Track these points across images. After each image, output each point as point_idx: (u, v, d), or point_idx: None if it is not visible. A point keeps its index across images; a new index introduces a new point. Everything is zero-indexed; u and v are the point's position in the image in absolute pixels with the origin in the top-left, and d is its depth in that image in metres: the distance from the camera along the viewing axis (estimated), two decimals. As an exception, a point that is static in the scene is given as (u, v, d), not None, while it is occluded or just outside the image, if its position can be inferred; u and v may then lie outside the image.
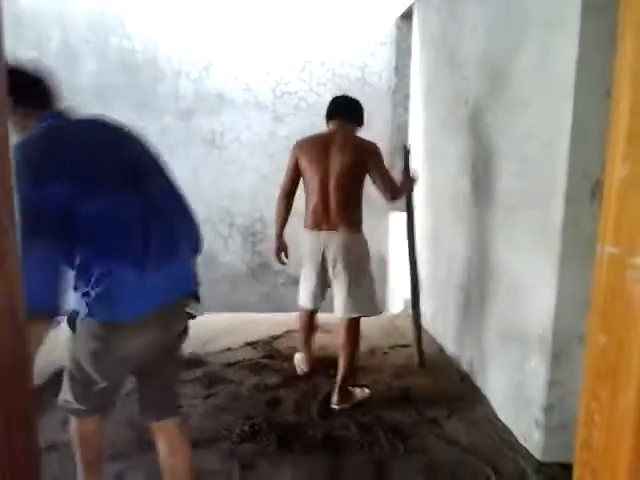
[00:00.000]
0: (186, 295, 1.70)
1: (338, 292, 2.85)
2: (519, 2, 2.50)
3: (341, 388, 2.82)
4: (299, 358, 3.26)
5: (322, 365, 3.26)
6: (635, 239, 0.59)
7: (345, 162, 2.79)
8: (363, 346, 3.59)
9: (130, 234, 1.48)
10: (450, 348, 3.51)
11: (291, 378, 3.11)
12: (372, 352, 3.54)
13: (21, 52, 4.82)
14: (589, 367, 0.69)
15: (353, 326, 2.86)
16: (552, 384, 2.24)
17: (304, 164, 2.88)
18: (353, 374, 2.93)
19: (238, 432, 2.49)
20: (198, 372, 3.17)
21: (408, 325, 4.14)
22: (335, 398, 2.80)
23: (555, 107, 2.17)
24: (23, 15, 4.81)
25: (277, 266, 5.26)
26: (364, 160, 2.82)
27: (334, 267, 2.83)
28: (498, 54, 2.75)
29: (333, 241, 2.82)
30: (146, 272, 1.48)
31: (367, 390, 2.94)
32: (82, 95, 4.93)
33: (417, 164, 4.47)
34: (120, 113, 4.93)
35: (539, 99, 2.31)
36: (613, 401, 0.63)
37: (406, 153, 3.27)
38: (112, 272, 1.43)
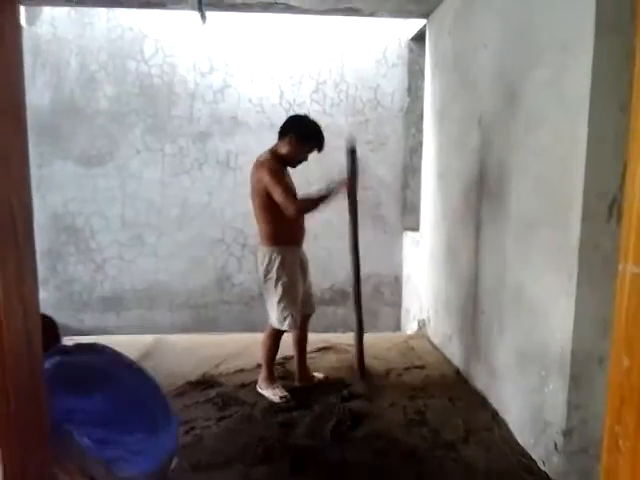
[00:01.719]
0: None
1: None
2: (532, 21, 2.52)
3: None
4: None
5: (334, 386, 3.23)
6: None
7: (251, 181, 3.08)
8: (378, 367, 3.57)
9: None
10: (466, 369, 3.45)
11: (304, 399, 3.08)
12: (387, 373, 3.49)
13: (40, 78, 4.94)
14: (612, 390, 0.67)
15: (266, 332, 3.19)
16: (571, 406, 2.20)
17: None
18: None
19: (251, 455, 2.46)
20: (212, 393, 3.15)
21: (423, 346, 4.11)
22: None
23: (570, 124, 2.16)
24: (42, 41, 4.93)
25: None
26: (259, 177, 2.97)
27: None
28: (511, 73, 2.76)
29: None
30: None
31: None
32: (100, 119, 5.04)
33: (428, 184, 4.47)
34: (137, 136, 5.05)
35: (553, 116, 2.31)
36: (639, 426, 0.61)
37: (352, 151, 3.07)
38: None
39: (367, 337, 3.48)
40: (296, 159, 3.08)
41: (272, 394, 3.11)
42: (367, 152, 5.12)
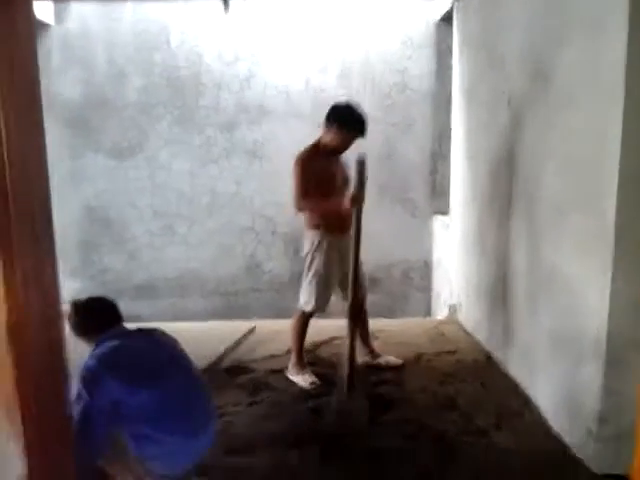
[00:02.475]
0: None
1: None
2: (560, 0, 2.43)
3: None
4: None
5: (365, 373, 3.23)
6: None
7: None
8: (408, 352, 3.55)
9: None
10: (497, 354, 3.41)
11: (335, 385, 3.09)
12: (418, 359, 3.47)
13: (71, 72, 5.04)
14: None
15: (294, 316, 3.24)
16: (607, 392, 2.14)
17: None
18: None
19: (281, 442, 2.48)
20: (243, 379, 3.20)
21: (454, 331, 4.07)
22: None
23: (604, 105, 2.08)
24: (72, 36, 5.02)
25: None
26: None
27: None
28: (540, 51, 2.68)
29: None
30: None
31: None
32: (129, 111, 5.12)
33: (457, 167, 4.40)
34: (165, 127, 5.11)
35: (586, 96, 2.23)
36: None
37: (360, 164, 2.76)
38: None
39: (397, 322, 3.48)
40: (341, 147, 3.07)
41: (302, 380, 3.13)
42: (395, 134, 5.07)
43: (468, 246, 4.08)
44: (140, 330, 2.11)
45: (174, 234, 5.27)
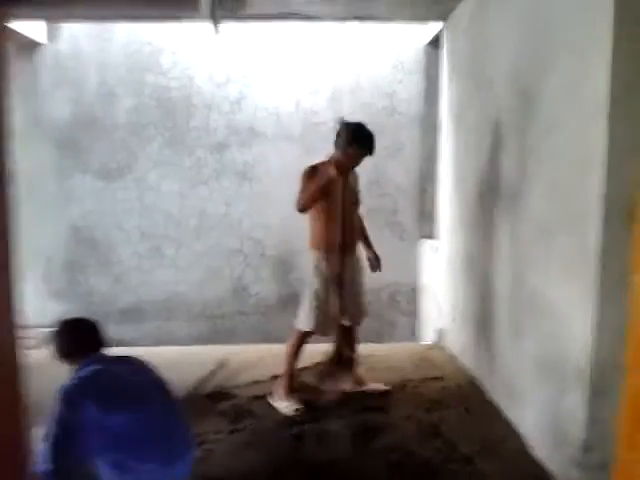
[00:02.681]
0: None
1: None
2: (547, 21, 2.46)
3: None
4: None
5: (348, 398, 3.19)
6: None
7: None
8: (395, 378, 3.50)
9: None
10: (483, 380, 3.37)
11: (318, 412, 3.03)
12: (403, 385, 3.42)
13: (61, 92, 5.04)
14: (626, 411, 0.62)
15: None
16: (592, 420, 2.11)
17: None
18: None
19: (263, 471, 2.42)
20: (225, 405, 3.13)
21: (440, 356, 4.03)
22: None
23: (587, 128, 2.10)
24: (63, 57, 5.03)
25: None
26: None
27: None
28: (527, 75, 2.71)
29: None
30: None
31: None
32: (119, 132, 5.11)
33: (444, 191, 4.41)
34: (155, 149, 5.10)
35: (570, 120, 2.25)
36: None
37: (340, 124, 3.10)
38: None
39: (384, 348, 3.44)
40: (350, 163, 3.09)
41: (285, 407, 3.07)
42: (384, 158, 5.08)
43: (455, 270, 4.06)
44: (122, 356, 2.10)
45: (162, 256, 5.21)
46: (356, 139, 3.02)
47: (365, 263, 3.38)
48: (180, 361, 3.89)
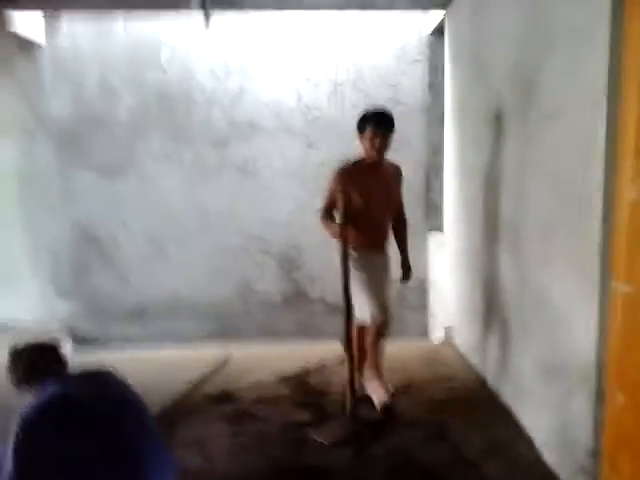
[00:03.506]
0: None
1: None
2: (547, 10, 2.35)
3: None
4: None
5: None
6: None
7: None
8: (400, 377, 3.42)
9: None
10: (491, 380, 3.28)
11: (322, 416, 2.97)
12: (409, 386, 3.35)
13: (62, 91, 4.99)
14: (607, 431, 0.54)
15: None
16: (599, 426, 2.02)
17: None
18: None
19: (262, 477, 2.37)
20: (227, 408, 3.08)
21: (449, 355, 3.95)
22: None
23: (587, 118, 2.00)
24: (63, 54, 4.97)
25: (313, 294, 5.17)
26: None
27: None
28: (526, 63, 2.61)
29: None
30: None
31: None
32: (120, 129, 5.06)
33: (449, 183, 4.30)
34: (156, 145, 5.04)
35: (570, 109, 2.15)
36: (635, 475, 0.48)
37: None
38: None
39: (393, 346, 3.37)
40: (371, 151, 3.02)
41: (377, 396, 3.06)
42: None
43: (461, 265, 3.97)
44: (86, 374, 1.94)
45: (165, 254, 5.17)
46: (366, 118, 3.00)
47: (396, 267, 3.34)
48: (184, 359, 3.86)
